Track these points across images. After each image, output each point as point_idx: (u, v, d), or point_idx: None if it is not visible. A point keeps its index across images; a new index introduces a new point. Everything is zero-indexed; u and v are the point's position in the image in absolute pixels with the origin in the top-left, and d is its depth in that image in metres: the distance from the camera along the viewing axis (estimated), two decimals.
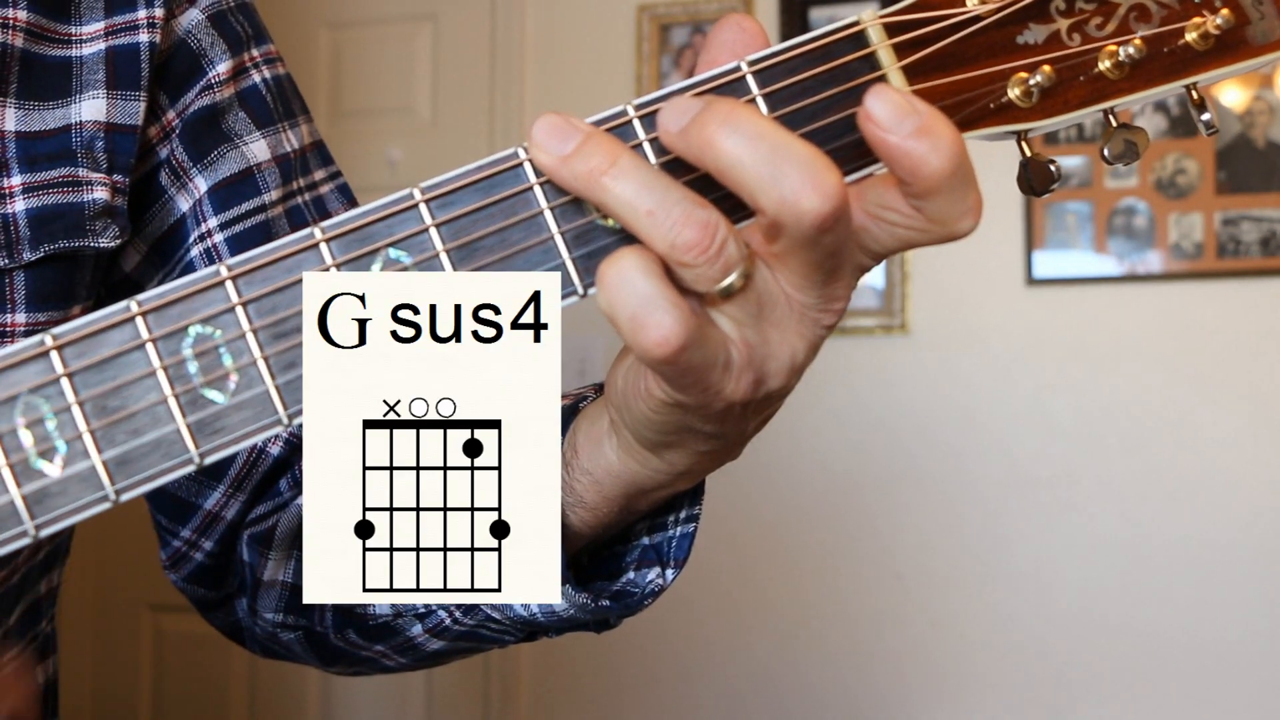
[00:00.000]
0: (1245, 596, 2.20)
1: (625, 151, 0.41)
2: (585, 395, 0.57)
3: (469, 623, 0.60)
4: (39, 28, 0.61)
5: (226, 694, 2.64)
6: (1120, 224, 2.29)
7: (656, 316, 0.39)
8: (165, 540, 0.70)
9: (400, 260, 0.42)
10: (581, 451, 0.52)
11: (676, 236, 0.40)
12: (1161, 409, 2.26)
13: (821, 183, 0.39)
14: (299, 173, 0.70)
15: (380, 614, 0.64)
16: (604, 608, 0.55)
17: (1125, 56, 0.45)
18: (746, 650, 2.39)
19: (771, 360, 0.43)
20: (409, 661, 0.66)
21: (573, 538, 0.54)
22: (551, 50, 2.59)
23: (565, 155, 0.41)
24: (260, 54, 0.70)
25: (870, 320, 2.37)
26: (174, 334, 0.42)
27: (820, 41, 0.44)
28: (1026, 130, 0.46)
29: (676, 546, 0.56)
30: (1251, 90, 2.25)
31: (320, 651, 0.68)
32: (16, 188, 0.60)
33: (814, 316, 0.43)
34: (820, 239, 0.40)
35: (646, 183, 0.40)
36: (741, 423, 0.46)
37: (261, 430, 0.42)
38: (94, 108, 0.62)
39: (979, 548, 2.32)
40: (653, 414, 0.45)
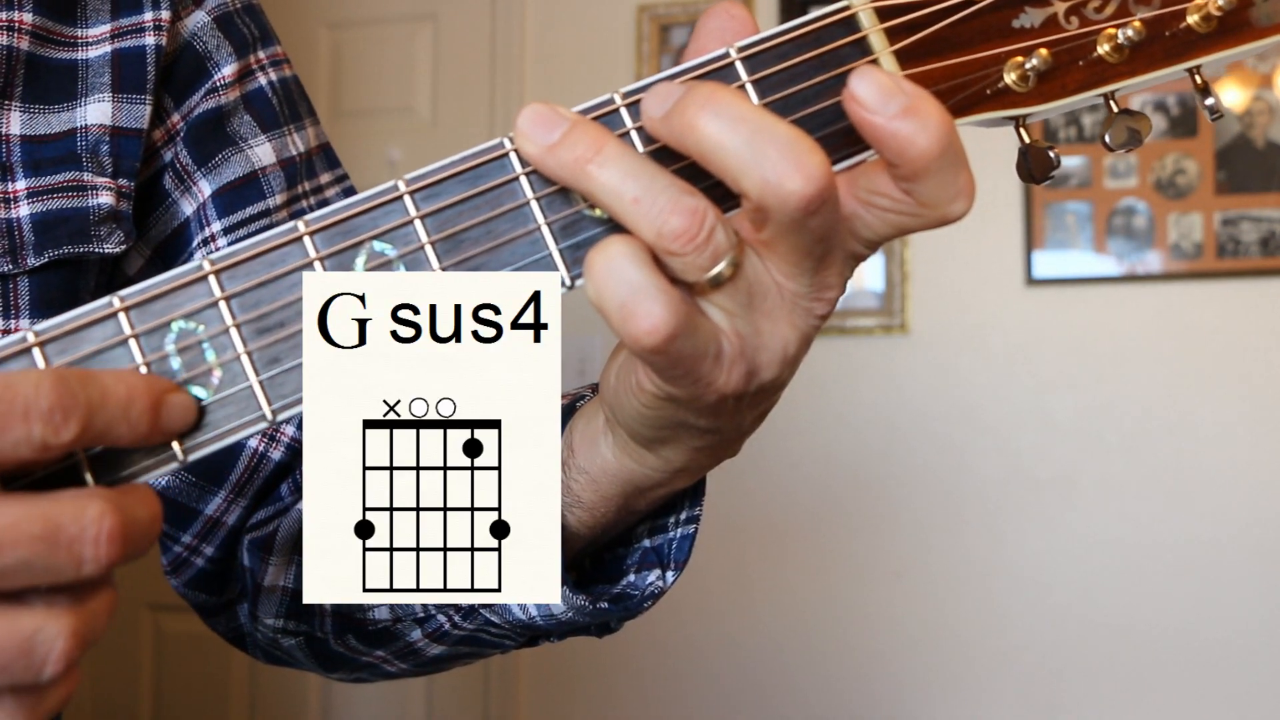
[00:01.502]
0: (1244, 596, 2.20)
1: (611, 139, 0.40)
2: (583, 395, 0.57)
3: (468, 627, 0.60)
4: (44, 30, 0.61)
5: (227, 694, 2.64)
6: (1120, 224, 2.29)
7: (646, 305, 0.38)
8: (166, 545, 0.70)
9: (385, 253, 0.42)
10: (578, 451, 0.51)
11: (664, 224, 0.39)
12: (1161, 409, 2.26)
13: (804, 164, 0.38)
14: (304, 176, 0.70)
15: (379, 619, 0.63)
16: (603, 610, 0.55)
17: (1124, 39, 0.44)
18: (746, 650, 2.39)
19: (763, 351, 0.42)
20: (410, 667, 0.66)
21: (571, 539, 0.53)
22: (551, 50, 2.59)
23: (551, 144, 0.40)
24: (266, 56, 0.70)
25: (870, 320, 2.37)
26: (157, 329, 0.41)
27: (810, 27, 0.43)
28: (1024, 115, 0.45)
29: (677, 548, 0.55)
30: (1251, 90, 2.25)
31: (321, 657, 0.68)
32: (21, 192, 0.59)
33: (806, 305, 0.42)
34: (806, 222, 0.39)
35: (632, 170, 0.40)
36: (736, 416, 0.45)
37: (245, 426, 0.42)
38: (99, 111, 0.62)
39: (978, 547, 2.32)
40: (645, 409, 0.44)
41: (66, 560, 0.36)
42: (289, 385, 0.42)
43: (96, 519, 0.37)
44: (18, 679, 0.37)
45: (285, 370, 0.42)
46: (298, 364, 0.42)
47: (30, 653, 0.36)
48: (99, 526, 0.37)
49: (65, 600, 0.37)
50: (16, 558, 0.36)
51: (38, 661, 0.37)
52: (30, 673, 0.37)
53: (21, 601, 0.37)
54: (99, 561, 0.37)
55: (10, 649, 0.36)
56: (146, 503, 0.39)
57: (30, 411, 0.36)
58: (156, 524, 0.40)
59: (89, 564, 0.37)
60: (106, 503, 0.37)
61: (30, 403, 0.36)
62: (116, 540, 0.37)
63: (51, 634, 0.37)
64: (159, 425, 0.40)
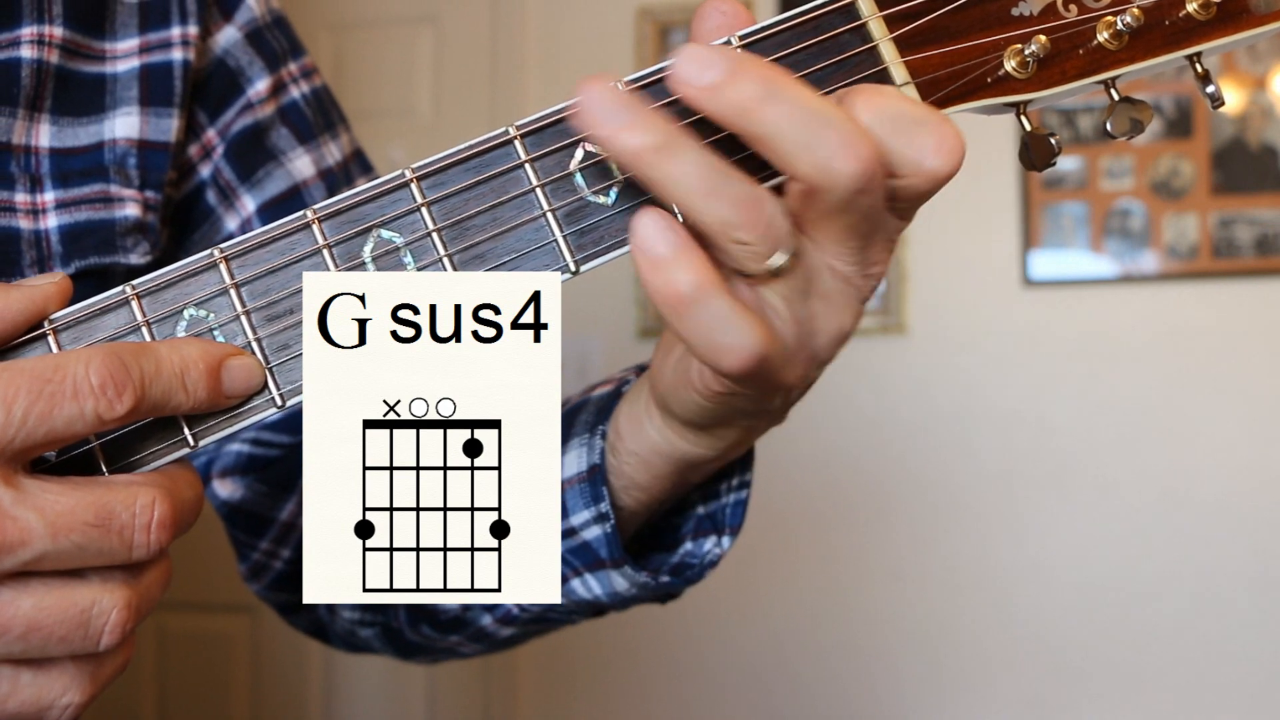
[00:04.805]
0: (1242, 596, 2.20)
1: (678, 132, 0.39)
2: (627, 380, 0.57)
3: (536, 609, 0.61)
4: (74, 44, 0.61)
5: (229, 692, 2.64)
6: (1116, 225, 2.30)
7: (735, 338, 0.38)
8: (244, 554, 0.72)
9: (392, 240, 0.42)
10: (625, 435, 0.52)
11: (730, 214, 0.38)
12: (1157, 409, 2.26)
13: (857, 146, 0.38)
14: (343, 184, 0.71)
15: (449, 608, 0.65)
16: (665, 584, 0.55)
17: (1123, 26, 0.44)
18: (746, 650, 2.39)
19: (820, 334, 0.43)
20: (485, 648, 0.68)
21: (629, 519, 0.54)
22: (552, 52, 2.59)
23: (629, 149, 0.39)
24: (298, 68, 0.71)
25: (868, 320, 2.37)
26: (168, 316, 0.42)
27: (810, 15, 0.43)
28: (1025, 102, 0.45)
29: (731, 514, 0.56)
30: (1247, 92, 2.25)
31: (398, 645, 0.70)
32: (50, 204, 0.60)
33: (857, 284, 0.43)
34: (857, 201, 0.39)
35: (702, 162, 0.39)
36: (789, 395, 0.46)
37: (255, 412, 0.42)
38: (127, 124, 0.62)
39: (975, 547, 2.32)
40: (707, 403, 0.45)
41: (119, 545, 0.39)
42: (298, 371, 0.42)
43: (148, 506, 0.40)
44: (77, 648, 0.40)
45: (294, 357, 0.42)
46: None
47: (87, 624, 0.39)
48: (150, 514, 0.40)
49: (120, 575, 0.40)
50: (71, 542, 0.38)
51: (95, 632, 0.39)
52: (89, 642, 0.40)
53: (79, 577, 0.40)
54: (149, 546, 0.40)
55: (69, 621, 0.39)
56: (192, 485, 0.42)
57: (80, 389, 0.38)
58: (200, 502, 0.42)
59: (139, 549, 0.40)
60: (156, 489, 0.40)
61: (79, 380, 0.38)
62: (167, 526, 0.40)
63: (107, 606, 0.40)
64: (220, 390, 0.41)
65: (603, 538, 0.54)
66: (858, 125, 0.38)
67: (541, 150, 0.43)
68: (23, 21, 0.59)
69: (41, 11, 0.60)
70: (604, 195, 0.43)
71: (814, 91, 0.39)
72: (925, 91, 0.44)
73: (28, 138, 0.59)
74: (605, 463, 0.54)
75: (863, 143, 0.38)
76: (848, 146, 0.38)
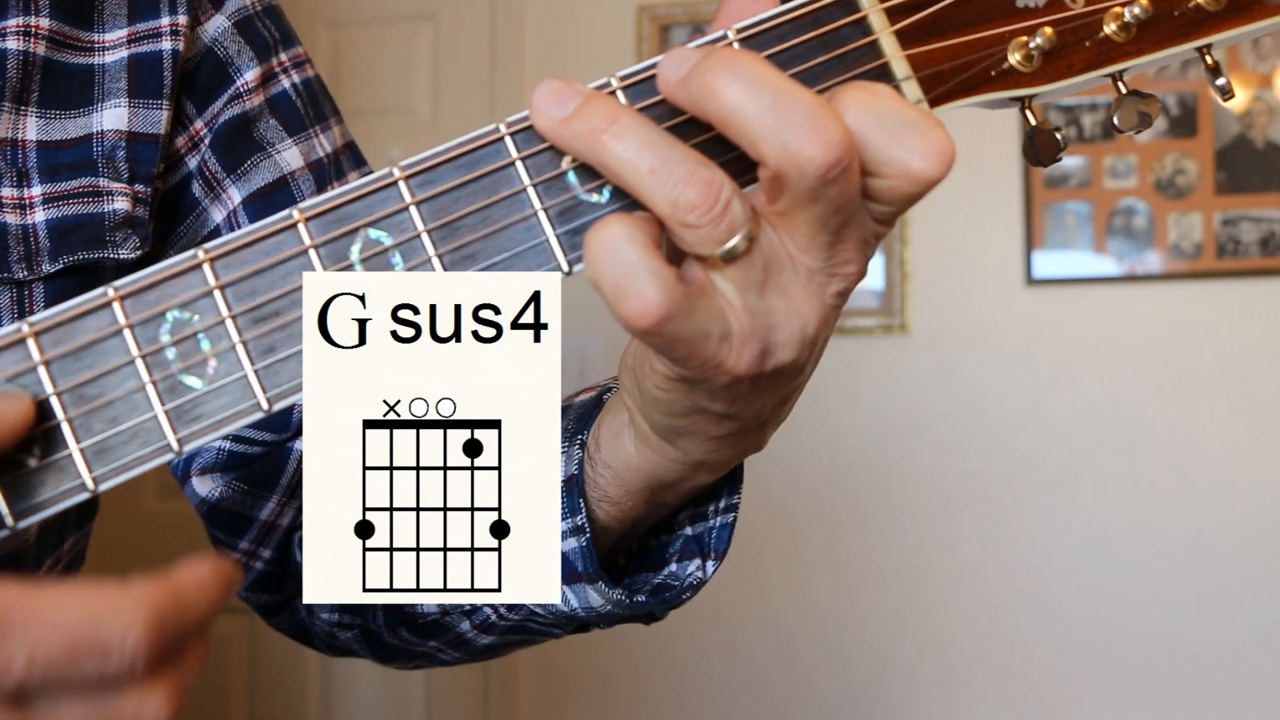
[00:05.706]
0: (1244, 595, 2.20)
1: (626, 111, 0.39)
2: (609, 386, 0.56)
3: (514, 618, 0.60)
4: (61, 35, 0.60)
5: (227, 694, 2.64)
6: (1120, 224, 2.29)
7: (639, 286, 0.38)
8: (224, 554, 0.71)
9: (380, 241, 0.42)
10: (604, 445, 0.51)
11: (679, 195, 0.38)
12: (1161, 409, 2.26)
13: (825, 130, 0.37)
14: (333, 177, 0.70)
15: (429, 612, 0.64)
16: (640, 604, 0.54)
17: (1131, 17, 0.43)
18: (746, 650, 2.39)
19: (778, 329, 0.41)
20: (464, 655, 0.67)
21: (601, 533, 0.53)
22: (551, 50, 2.59)
23: (565, 117, 0.40)
24: (289, 58, 0.70)
25: (870, 320, 2.37)
26: (152, 319, 0.41)
27: (810, 7, 0.42)
28: (1030, 96, 0.44)
29: (716, 537, 0.55)
30: (1251, 90, 2.25)
31: (376, 649, 0.69)
32: (37, 198, 0.59)
33: (822, 281, 0.41)
34: (824, 191, 0.38)
35: (649, 141, 0.39)
36: (753, 401, 0.44)
37: (241, 416, 0.41)
38: (115, 116, 0.61)
39: (978, 547, 2.32)
40: (659, 391, 0.44)
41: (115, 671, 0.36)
42: (284, 374, 0.41)
43: None
44: None
45: (281, 359, 0.41)
46: (293, 353, 0.41)
47: None
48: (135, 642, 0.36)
49: None
50: None
51: None
52: None
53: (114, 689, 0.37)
54: None
55: None
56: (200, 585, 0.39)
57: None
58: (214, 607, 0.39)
59: None
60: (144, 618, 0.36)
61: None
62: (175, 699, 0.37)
63: (150, 712, 0.37)
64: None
65: (578, 551, 0.53)
66: (829, 111, 0.38)
67: (533, 148, 0.42)
68: (8, 13, 0.58)
69: (28, 2, 0.59)
70: (597, 194, 0.42)
71: (786, 77, 0.38)
72: (928, 86, 0.43)
73: (14, 131, 0.58)
74: (583, 473, 0.53)
75: (832, 129, 0.37)
76: (816, 132, 0.37)
